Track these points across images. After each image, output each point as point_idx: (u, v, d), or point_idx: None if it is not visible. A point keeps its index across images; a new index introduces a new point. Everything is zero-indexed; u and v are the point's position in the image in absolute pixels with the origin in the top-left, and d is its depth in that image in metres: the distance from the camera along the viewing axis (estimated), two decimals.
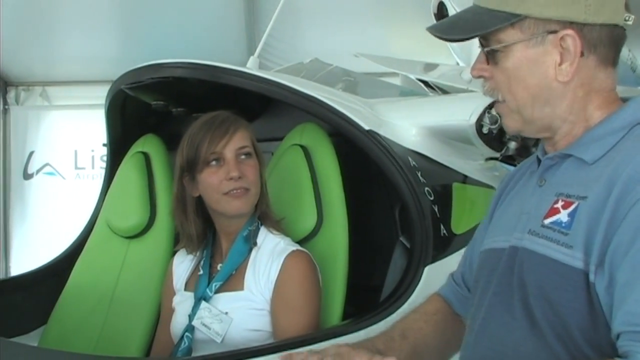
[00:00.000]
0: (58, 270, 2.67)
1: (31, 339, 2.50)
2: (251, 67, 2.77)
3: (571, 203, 1.27)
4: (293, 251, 1.98)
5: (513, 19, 1.31)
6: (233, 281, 2.00)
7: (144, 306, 2.39)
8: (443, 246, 2.19)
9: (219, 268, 2.04)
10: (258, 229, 2.05)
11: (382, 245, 2.32)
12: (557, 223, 1.28)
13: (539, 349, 1.27)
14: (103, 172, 2.93)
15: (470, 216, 2.41)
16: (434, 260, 2.13)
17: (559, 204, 1.30)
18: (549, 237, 1.28)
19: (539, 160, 1.43)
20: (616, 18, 1.31)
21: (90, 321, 2.46)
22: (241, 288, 1.97)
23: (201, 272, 2.06)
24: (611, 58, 1.34)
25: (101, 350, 2.37)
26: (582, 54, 1.30)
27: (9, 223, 6.48)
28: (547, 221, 1.30)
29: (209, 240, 2.12)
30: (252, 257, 2.01)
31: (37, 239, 6.24)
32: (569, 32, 1.29)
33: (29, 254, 6.02)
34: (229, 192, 1.97)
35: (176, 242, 2.28)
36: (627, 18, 1.32)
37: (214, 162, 1.99)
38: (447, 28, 1.43)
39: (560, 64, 1.30)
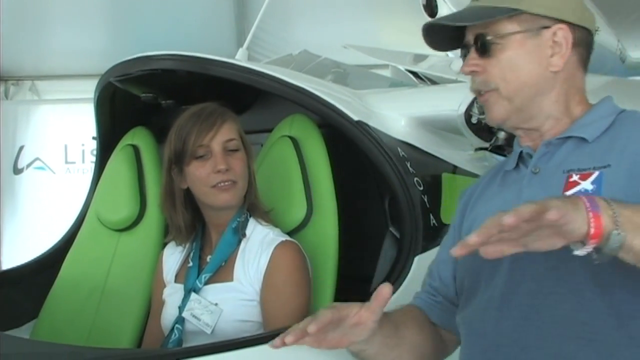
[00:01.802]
0: (49, 264, 2.67)
1: (23, 333, 2.50)
2: (240, 59, 2.77)
3: (589, 174, 1.38)
4: (282, 241, 1.98)
5: (512, 12, 1.44)
6: (222, 272, 2.00)
7: (134, 298, 2.39)
8: (433, 236, 2.19)
9: (208, 260, 2.04)
10: (247, 220, 2.05)
11: (372, 236, 2.32)
12: (582, 192, 1.35)
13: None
14: (92, 166, 2.92)
15: None
16: (423, 250, 2.12)
17: (575, 177, 1.39)
18: None
19: (519, 156, 1.53)
20: (592, 26, 1.51)
21: (81, 314, 2.46)
22: (230, 279, 1.97)
23: (191, 264, 2.06)
24: (586, 61, 1.52)
25: (93, 342, 2.37)
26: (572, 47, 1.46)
27: (0, 218, 6.46)
28: (569, 193, 1.36)
29: (199, 232, 2.12)
30: (241, 248, 2.01)
31: (27, 233, 6.22)
32: (562, 26, 1.45)
33: (20, 249, 6.01)
34: (216, 185, 1.97)
35: (166, 234, 2.28)
36: (597, 28, 1.53)
37: (201, 155, 1.99)
38: (453, 19, 1.53)
39: (551, 56, 1.45)
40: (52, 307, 2.52)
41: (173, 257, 2.17)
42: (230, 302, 1.95)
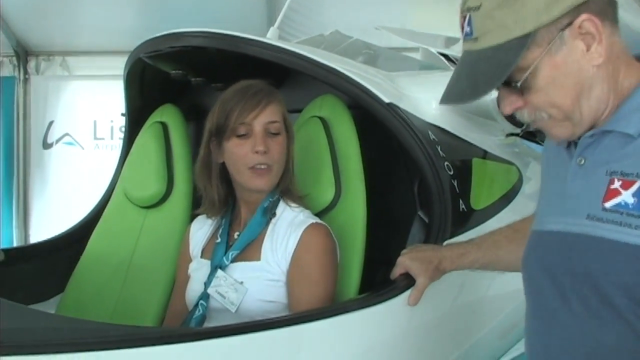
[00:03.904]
0: (76, 239, 2.68)
1: (49, 306, 2.52)
2: (271, 37, 2.74)
3: (632, 182, 1.23)
4: (312, 224, 1.96)
5: (527, 41, 1.23)
6: (250, 251, 1.98)
7: (160, 275, 2.39)
8: (462, 221, 2.16)
9: (236, 236, 2.02)
10: (278, 201, 2.03)
11: (400, 220, 2.30)
12: (622, 205, 1.23)
13: (624, 334, 1.25)
14: (121, 142, 2.92)
15: (489, 192, 2.38)
16: (452, 236, 2.10)
17: (617, 184, 1.25)
18: (617, 221, 1.23)
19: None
20: None
21: (107, 289, 2.47)
22: (257, 258, 1.96)
23: (219, 240, 2.04)
24: (615, 15, 1.29)
25: (118, 317, 2.38)
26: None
27: (29, 192, 6.52)
28: (608, 204, 1.25)
29: (229, 207, 2.10)
30: (270, 228, 1.99)
31: (55, 207, 6.29)
32: (583, 17, 1.23)
33: (48, 222, 6.06)
34: (253, 167, 1.95)
35: (195, 209, 2.27)
36: None
37: (242, 133, 1.96)
38: (470, 89, 1.30)
39: (588, 50, 1.25)
40: (78, 282, 2.54)
41: (201, 232, 2.16)
42: (256, 281, 1.93)
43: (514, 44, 1.24)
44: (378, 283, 2.03)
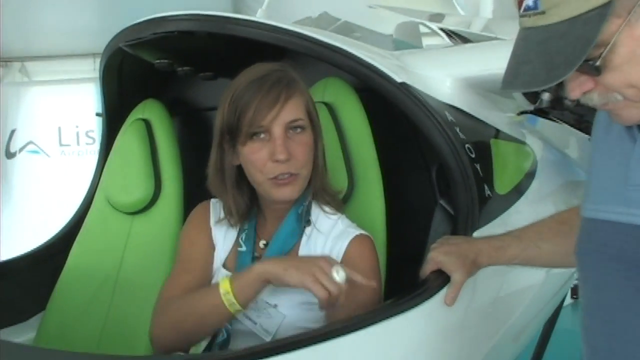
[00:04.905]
0: (54, 252, 2.46)
1: (28, 327, 2.33)
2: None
3: None
4: (356, 236, 1.69)
5: (607, 11, 1.07)
6: None
7: (152, 288, 2.13)
8: (489, 208, 1.97)
9: (261, 245, 1.73)
10: (310, 205, 1.75)
11: (419, 211, 2.11)
12: None
13: None
14: (88, 148, 2.72)
15: (511, 174, 2.21)
16: (481, 225, 1.91)
17: None
18: None
19: None
20: None
21: (93, 307, 2.26)
22: None
23: (243, 248, 1.73)
24: None
25: (107, 336, 2.19)
26: None
27: None
28: None
29: (254, 210, 1.79)
30: (304, 240, 1.71)
31: (23, 219, 6.14)
32: None
33: (16, 236, 5.85)
34: (275, 178, 1.64)
35: (186, 215, 2.05)
36: None
37: (259, 136, 1.64)
38: (546, 72, 1.12)
39: None
40: (61, 299, 2.32)
41: (223, 230, 1.82)
42: (293, 305, 1.64)
43: (592, 15, 1.07)
44: (404, 283, 1.83)
